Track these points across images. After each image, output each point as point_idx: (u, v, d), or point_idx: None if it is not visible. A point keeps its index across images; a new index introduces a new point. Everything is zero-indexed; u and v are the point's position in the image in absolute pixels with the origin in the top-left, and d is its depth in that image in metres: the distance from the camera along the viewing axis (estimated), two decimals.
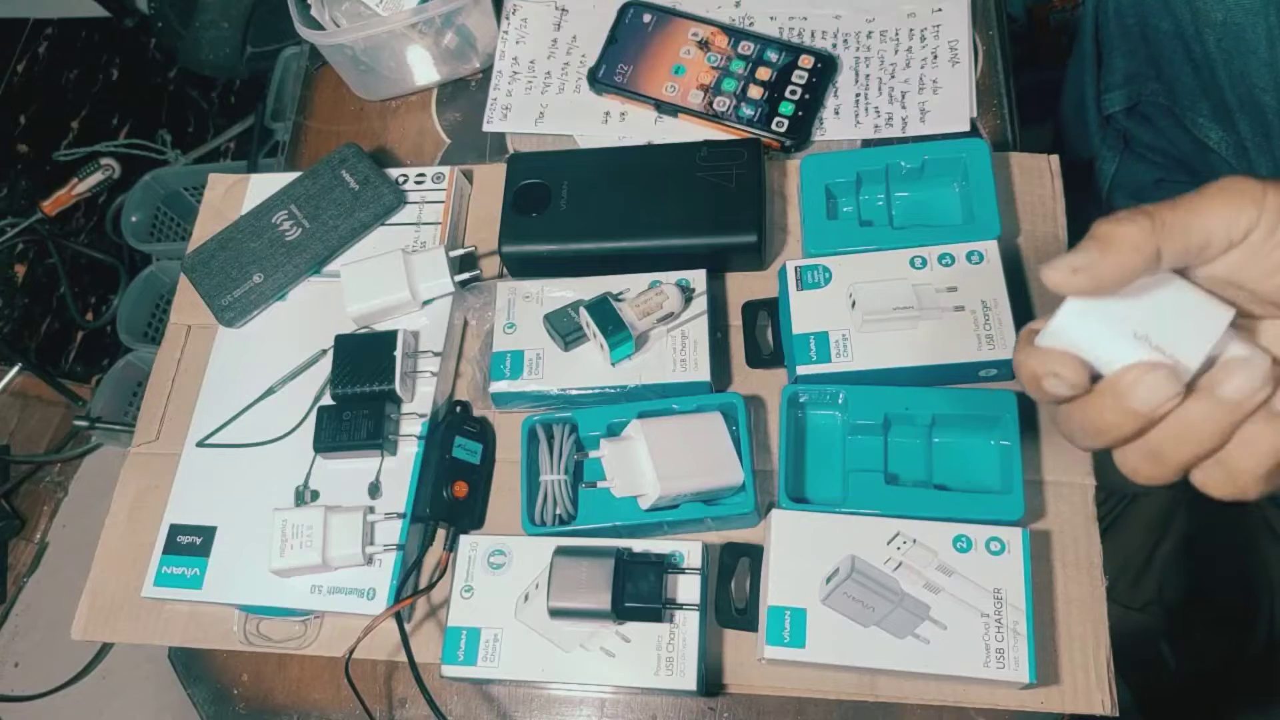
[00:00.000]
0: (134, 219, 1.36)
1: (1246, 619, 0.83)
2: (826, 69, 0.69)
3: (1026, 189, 0.64)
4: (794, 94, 0.68)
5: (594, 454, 0.56)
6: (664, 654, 0.53)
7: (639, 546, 0.55)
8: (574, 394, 0.60)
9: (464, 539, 0.57)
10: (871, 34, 0.71)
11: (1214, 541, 0.84)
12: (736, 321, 0.63)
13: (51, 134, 1.56)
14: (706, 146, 0.64)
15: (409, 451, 0.60)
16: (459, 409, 0.63)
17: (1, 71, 1.60)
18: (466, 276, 0.65)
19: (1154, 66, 0.78)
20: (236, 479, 0.62)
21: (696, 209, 0.62)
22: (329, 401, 0.62)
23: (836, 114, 0.69)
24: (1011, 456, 0.54)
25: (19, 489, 1.39)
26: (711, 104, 0.69)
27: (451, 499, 0.59)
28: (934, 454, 0.57)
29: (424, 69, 0.75)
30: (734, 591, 0.56)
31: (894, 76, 0.69)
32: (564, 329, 0.59)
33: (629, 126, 0.71)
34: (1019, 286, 0.61)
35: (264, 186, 0.70)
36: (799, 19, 0.73)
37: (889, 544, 0.52)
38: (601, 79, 0.71)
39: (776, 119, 0.68)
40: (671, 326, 0.60)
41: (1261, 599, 0.85)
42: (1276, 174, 0.71)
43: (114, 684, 1.26)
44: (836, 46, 0.71)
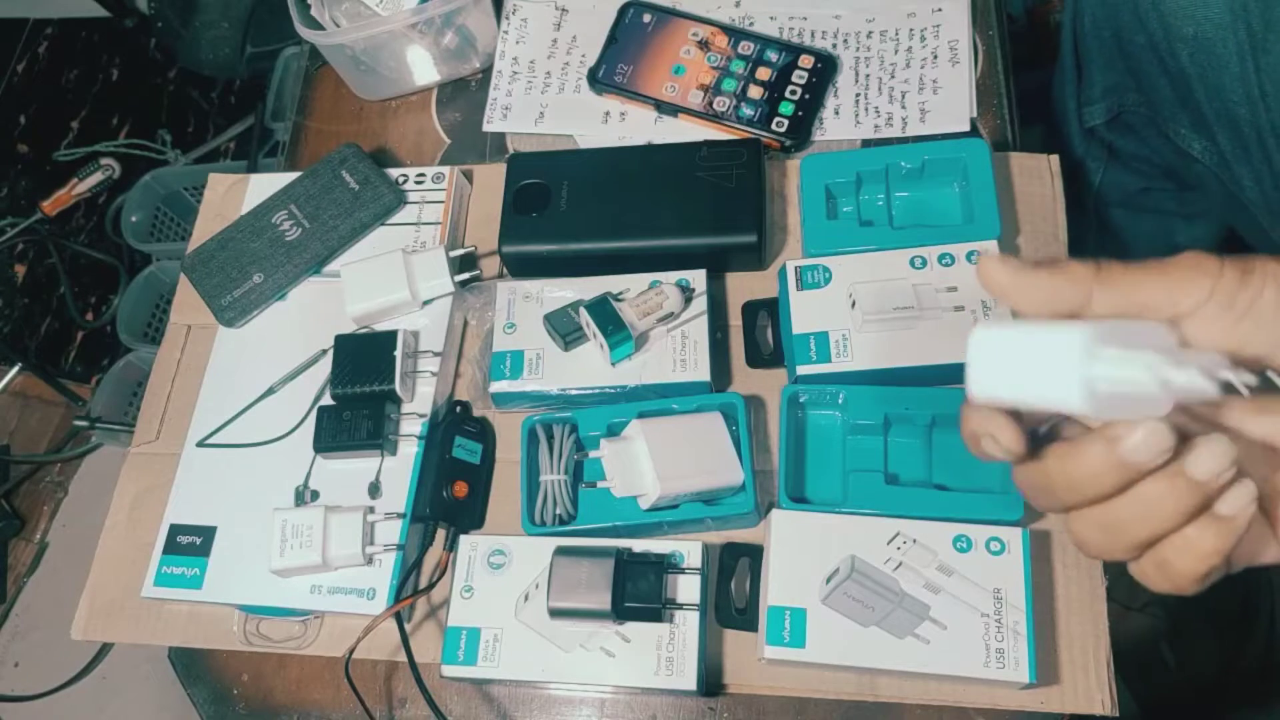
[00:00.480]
0: (134, 219, 1.36)
1: (1246, 619, 0.83)
2: (826, 69, 0.69)
3: (1026, 189, 0.64)
4: (794, 94, 0.68)
5: (594, 454, 0.56)
6: (664, 654, 0.53)
7: (639, 546, 0.55)
8: (574, 394, 0.60)
9: (464, 539, 0.57)
10: (871, 34, 0.71)
11: None
12: (736, 321, 0.63)
13: (51, 134, 1.56)
14: (706, 146, 0.64)
15: (409, 451, 0.60)
16: (459, 409, 0.63)
17: (1, 71, 1.60)
18: (466, 276, 0.65)
19: (1133, 78, 0.77)
20: (236, 479, 0.62)
21: (696, 209, 0.62)
22: (329, 401, 0.62)
23: (836, 114, 0.69)
24: None
25: (19, 489, 1.39)
26: (711, 104, 0.69)
27: (451, 499, 0.59)
28: (934, 454, 0.57)
29: (424, 69, 0.75)
30: (734, 591, 0.56)
31: (894, 76, 0.69)
32: (564, 329, 0.59)
33: (629, 126, 0.71)
34: None
35: (264, 186, 0.70)
36: (799, 19, 0.73)
37: (889, 544, 0.52)
38: (601, 79, 0.71)
39: (776, 119, 0.68)
40: (671, 326, 0.60)
41: (1261, 600, 0.85)
42: (1258, 185, 0.70)
43: (114, 684, 1.26)
44: (836, 46, 0.71)
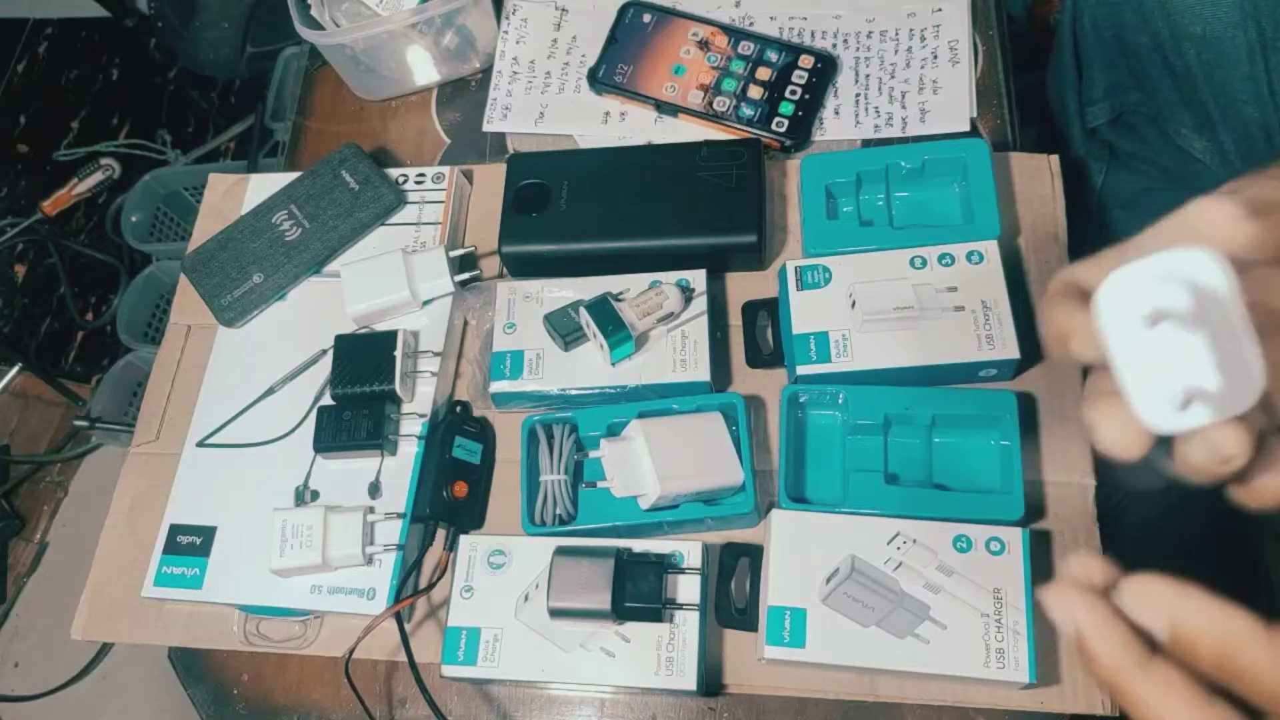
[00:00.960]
0: (134, 219, 1.36)
1: None
2: (826, 69, 0.69)
3: (1026, 189, 0.64)
4: (794, 94, 0.68)
5: (594, 454, 0.56)
6: (664, 654, 0.53)
7: (639, 546, 0.55)
8: (574, 394, 0.60)
9: (464, 539, 0.57)
10: (871, 34, 0.71)
11: (1213, 542, 0.84)
12: (736, 321, 0.63)
13: (51, 134, 1.56)
14: (706, 146, 0.64)
15: (409, 451, 0.60)
16: (459, 409, 0.63)
17: (1, 71, 1.60)
18: (466, 276, 0.65)
19: (1135, 78, 0.77)
20: (236, 479, 0.62)
21: (696, 209, 0.62)
22: (329, 401, 0.62)
23: (836, 114, 0.69)
24: (1011, 456, 0.54)
25: (19, 489, 1.39)
26: (711, 104, 0.69)
27: (451, 499, 0.59)
28: (934, 454, 0.57)
29: (424, 69, 0.75)
30: (734, 591, 0.56)
31: (894, 76, 0.69)
32: (564, 329, 0.59)
33: (629, 126, 0.71)
34: (1019, 286, 0.61)
35: (264, 186, 0.70)
36: (799, 19, 0.73)
37: (889, 544, 0.52)
38: (601, 79, 0.71)
39: (776, 119, 0.68)
40: (671, 326, 0.60)
41: (1261, 600, 0.85)
42: None
43: (114, 684, 1.26)
44: (836, 46, 0.71)
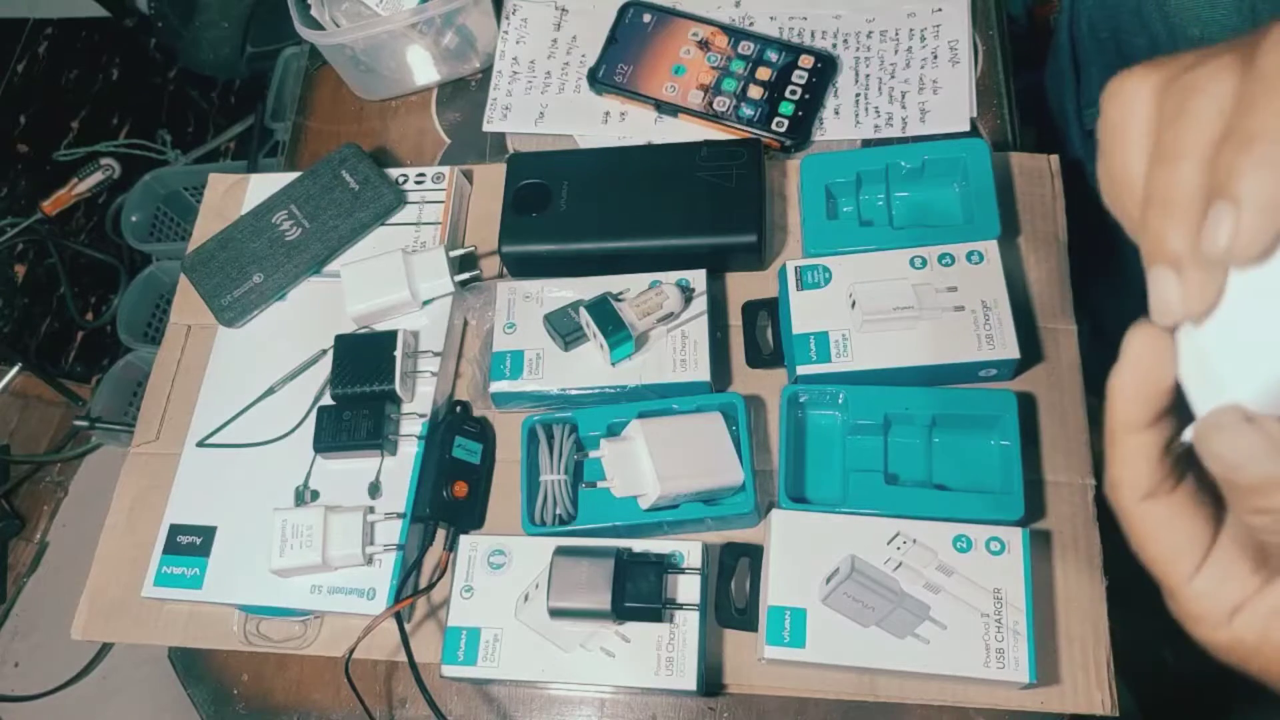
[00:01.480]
0: (134, 219, 1.36)
1: None
2: (826, 69, 0.69)
3: (1026, 189, 0.64)
4: (794, 94, 0.68)
5: (594, 454, 0.56)
6: (664, 654, 0.53)
7: (639, 546, 0.55)
8: (574, 394, 0.60)
9: (464, 539, 0.57)
10: (871, 34, 0.71)
11: None
12: (736, 321, 0.63)
13: (51, 134, 1.56)
14: (706, 146, 0.64)
15: (409, 451, 0.60)
16: (459, 409, 0.63)
17: (1, 71, 1.60)
18: (466, 276, 0.65)
19: None
20: (236, 479, 0.61)
21: (696, 209, 0.62)
22: (329, 401, 0.62)
23: (836, 114, 0.69)
24: (1011, 456, 0.54)
25: (19, 489, 1.39)
26: (711, 104, 0.69)
27: (451, 499, 0.59)
28: (934, 454, 0.57)
29: (424, 69, 0.75)
30: (734, 591, 0.56)
31: (894, 76, 0.69)
32: (564, 329, 0.59)
33: (629, 126, 0.71)
34: (1019, 286, 0.61)
35: (264, 186, 0.70)
36: (799, 19, 0.73)
37: (889, 544, 0.52)
38: (601, 79, 0.71)
39: (776, 119, 0.68)
40: (671, 326, 0.60)
41: None
42: None
43: (114, 684, 1.26)
44: (836, 46, 0.71)
